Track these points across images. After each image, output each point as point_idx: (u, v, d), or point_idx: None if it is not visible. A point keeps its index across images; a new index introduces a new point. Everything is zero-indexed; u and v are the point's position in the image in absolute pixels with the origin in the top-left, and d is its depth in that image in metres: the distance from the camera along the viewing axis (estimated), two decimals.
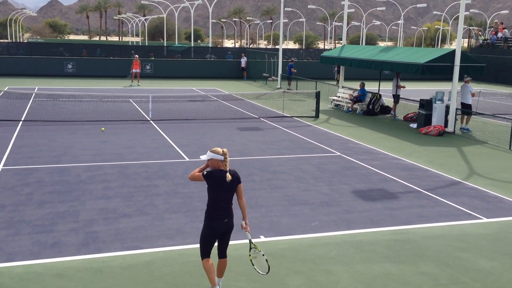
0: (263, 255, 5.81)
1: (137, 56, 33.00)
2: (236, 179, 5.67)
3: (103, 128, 15.35)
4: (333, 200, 9.57)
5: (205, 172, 5.59)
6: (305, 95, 27.06)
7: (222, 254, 5.87)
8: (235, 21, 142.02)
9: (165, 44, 61.07)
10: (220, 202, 5.59)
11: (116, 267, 6.61)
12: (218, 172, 5.56)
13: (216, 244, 5.82)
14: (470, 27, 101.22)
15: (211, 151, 5.62)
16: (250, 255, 5.93)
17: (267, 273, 5.81)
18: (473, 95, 17.86)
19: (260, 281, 6.32)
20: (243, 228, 5.76)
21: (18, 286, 6.04)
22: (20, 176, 10.53)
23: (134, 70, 31.60)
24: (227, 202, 5.62)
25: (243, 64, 37.87)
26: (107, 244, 7.30)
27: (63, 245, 7.22)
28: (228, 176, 5.53)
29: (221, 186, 5.54)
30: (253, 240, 7.49)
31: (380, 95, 21.60)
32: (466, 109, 17.79)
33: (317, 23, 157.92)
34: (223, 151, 5.61)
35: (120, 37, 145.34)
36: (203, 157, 5.66)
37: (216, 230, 5.65)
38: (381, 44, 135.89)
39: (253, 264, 5.94)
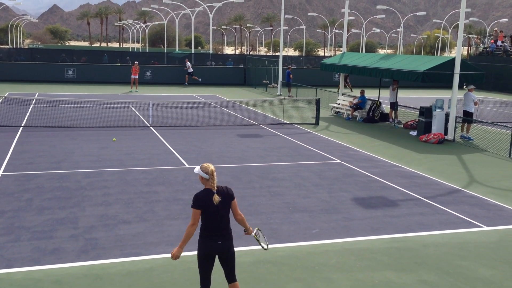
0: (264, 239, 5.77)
1: (136, 62, 33.07)
2: (228, 196, 5.34)
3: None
4: (333, 208, 9.56)
5: (192, 203, 5.24)
6: (305, 102, 27.10)
7: (230, 278, 5.47)
8: (235, 28, 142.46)
9: (165, 51, 61.24)
10: (212, 222, 5.22)
11: (116, 274, 6.59)
12: (205, 195, 5.22)
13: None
14: (470, 35, 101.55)
15: (200, 167, 5.31)
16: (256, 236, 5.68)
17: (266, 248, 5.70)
18: (475, 103, 17.88)
19: None
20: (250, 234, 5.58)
21: None
22: (20, 182, 10.53)
23: (133, 76, 31.68)
24: (219, 222, 5.25)
25: (188, 69, 36.28)
26: (107, 250, 7.28)
27: (63, 251, 7.21)
28: (216, 198, 5.19)
29: (209, 207, 5.19)
30: (253, 248, 7.49)
31: (380, 103, 21.64)
32: (467, 117, 17.80)
33: (317, 30, 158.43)
34: (210, 169, 5.26)
35: (121, 44, 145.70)
36: (195, 170, 5.40)
37: (208, 253, 5.26)
38: (381, 51, 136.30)
39: (258, 240, 5.69)
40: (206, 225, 5.25)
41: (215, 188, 5.29)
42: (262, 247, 5.69)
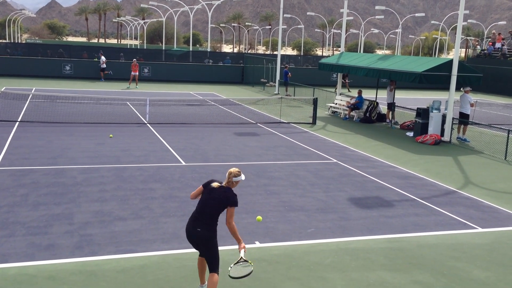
0: (250, 271, 5.64)
1: (135, 60, 33.04)
2: (224, 198, 5.56)
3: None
4: (329, 207, 9.57)
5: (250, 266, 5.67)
6: (302, 102, 27.11)
7: (208, 267, 5.66)
8: (234, 26, 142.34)
9: (163, 48, 61.15)
10: (199, 206, 5.64)
11: (110, 270, 6.58)
12: (213, 182, 5.73)
13: None
14: (468, 37, 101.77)
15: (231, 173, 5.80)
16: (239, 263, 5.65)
17: (235, 276, 5.60)
18: (471, 105, 17.92)
19: None
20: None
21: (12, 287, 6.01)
22: (16, 177, 10.49)
23: (132, 73, 31.69)
24: (204, 210, 5.59)
25: (102, 64, 34.74)
26: (102, 247, 7.27)
27: (57, 247, 7.19)
28: (214, 184, 5.66)
29: (207, 192, 5.67)
30: (248, 246, 7.49)
31: (377, 103, 21.66)
32: (464, 119, 17.84)
33: (316, 30, 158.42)
34: (229, 171, 5.73)
35: (119, 40, 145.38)
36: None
37: (188, 233, 5.65)
38: (379, 52, 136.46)
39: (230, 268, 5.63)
40: (196, 207, 5.73)
41: (221, 183, 5.73)
42: (230, 267, 5.62)
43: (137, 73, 31.90)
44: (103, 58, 34.99)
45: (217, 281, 5.57)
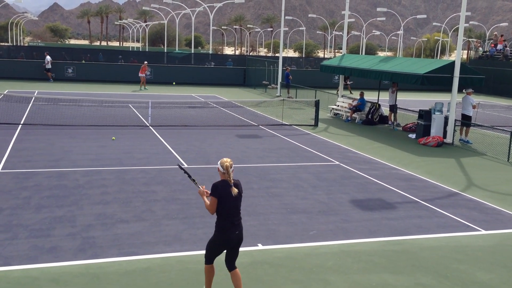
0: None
1: (146, 62, 33.16)
2: (241, 189, 5.74)
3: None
4: (331, 209, 9.56)
5: (209, 192, 5.65)
6: (304, 104, 27.11)
7: (231, 265, 5.85)
8: (235, 28, 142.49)
9: (165, 50, 61.24)
10: (230, 212, 5.60)
11: (113, 273, 6.59)
12: (222, 185, 5.60)
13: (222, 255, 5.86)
14: (470, 39, 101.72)
15: (220, 161, 5.70)
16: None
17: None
18: (474, 107, 17.90)
19: None
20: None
21: None
22: (18, 180, 10.51)
23: (140, 75, 31.83)
24: (236, 212, 5.66)
25: (47, 64, 33.91)
26: (104, 249, 7.28)
27: (60, 250, 7.20)
28: (234, 190, 5.59)
29: (227, 197, 5.56)
30: (250, 248, 7.49)
31: (379, 105, 21.65)
32: (466, 121, 17.81)
33: (317, 32, 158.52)
34: (225, 165, 5.59)
35: (121, 43, 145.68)
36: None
37: (228, 242, 5.68)
38: (381, 54, 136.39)
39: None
40: (224, 216, 5.61)
41: (232, 181, 5.62)
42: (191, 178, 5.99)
43: (144, 75, 32.00)
44: (48, 58, 34.38)
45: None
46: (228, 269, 5.87)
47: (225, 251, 5.82)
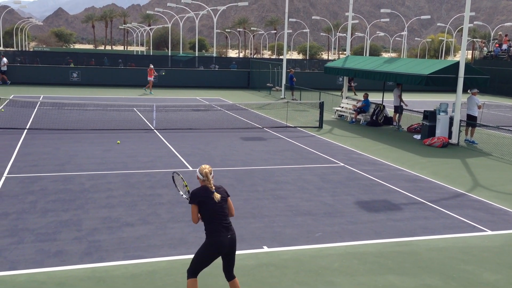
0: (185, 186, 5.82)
1: (152, 65, 33.27)
2: (225, 193, 5.59)
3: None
4: (337, 211, 9.55)
5: (188, 199, 5.48)
6: (308, 106, 27.10)
7: (230, 275, 5.65)
8: (239, 31, 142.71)
9: (169, 54, 61.41)
10: (216, 216, 5.40)
11: (119, 276, 6.60)
12: (201, 191, 5.46)
13: (211, 265, 5.64)
14: (474, 39, 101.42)
15: (198, 168, 5.62)
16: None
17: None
18: (479, 107, 17.83)
19: None
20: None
21: None
22: (24, 184, 10.56)
23: (149, 79, 31.96)
24: (223, 216, 5.44)
25: (2, 66, 33.20)
26: (110, 253, 7.29)
27: (66, 253, 7.22)
28: (217, 196, 5.44)
29: (209, 202, 5.40)
30: (256, 251, 7.49)
31: (383, 106, 21.61)
32: (471, 121, 17.75)
33: (321, 33, 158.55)
34: (204, 171, 5.52)
35: (125, 47, 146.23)
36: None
37: (221, 248, 5.39)
38: (385, 55, 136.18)
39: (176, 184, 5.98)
40: (210, 220, 5.42)
41: (213, 187, 5.51)
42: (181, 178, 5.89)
43: (152, 79, 32.10)
44: (4, 60, 34.24)
45: None
46: (226, 279, 5.67)
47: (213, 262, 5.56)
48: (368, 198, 10.48)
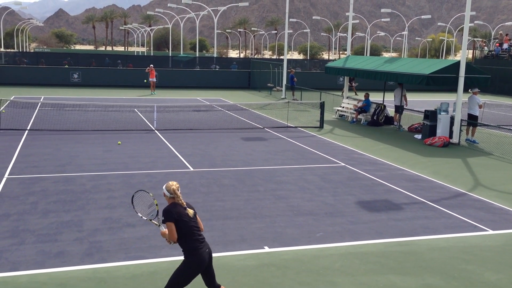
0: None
1: (152, 65, 33.27)
2: (195, 210, 5.47)
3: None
4: (338, 211, 9.54)
5: (163, 218, 5.24)
6: (309, 106, 27.10)
7: (215, 285, 5.56)
8: (240, 31, 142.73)
9: (170, 54, 61.45)
10: (192, 231, 5.25)
11: (120, 277, 6.60)
12: (174, 207, 5.27)
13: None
14: (475, 39, 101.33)
15: (164, 186, 5.36)
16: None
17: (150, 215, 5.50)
18: (480, 106, 17.82)
19: None
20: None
21: None
22: (25, 185, 10.57)
23: (151, 79, 31.97)
24: (198, 230, 5.32)
25: None
26: (111, 254, 7.29)
27: (67, 254, 7.22)
28: (190, 211, 5.30)
29: (184, 218, 5.23)
30: (257, 251, 7.49)
31: (384, 106, 21.59)
32: (472, 121, 17.74)
33: (322, 34, 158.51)
34: (172, 188, 5.29)
35: (126, 47, 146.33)
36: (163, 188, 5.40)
37: (202, 264, 5.28)
38: (386, 55, 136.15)
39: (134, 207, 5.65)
40: (189, 236, 5.24)
41: (184, 203, 5.34)
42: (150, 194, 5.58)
43: (154, 79, 32.11)
44: None
45: None
46: None
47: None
48: (369, 198, 10.48)
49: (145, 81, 34.13)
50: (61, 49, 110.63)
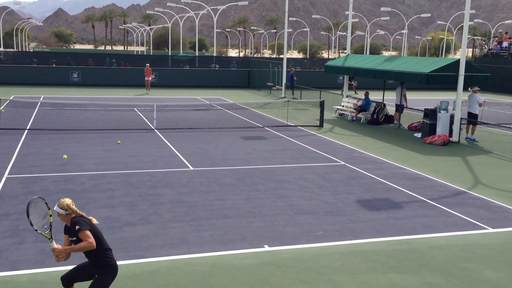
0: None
1: (148, 65, 33.25)
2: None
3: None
4: (338, 210, 9.54)
5: (81, 227, 5.01)
6: (309, 104, 27.09)
7: (71, 285, 5.46)
8: (239, 30, 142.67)
9: (169, 54, 61.42)
10: (104, 238, 5.26)
11: (120, 276, 6.58)
12: (82, 218, 5.16)
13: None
14: (474, 37, 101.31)
15: (57, 205, 5.13)
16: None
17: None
18: (480, 105, 17.82)
19: None
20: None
21: None
22: (25, 185, 10.56)
23: (147, 79, 31.97)
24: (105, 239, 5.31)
25: None
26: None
27: None
28: (94, 220, 5.21)
29: (94, 226, 5.20)
30: (257, 250, 7.49)
31: (384, 105, 21.59)
32: (472, 119, 17.73)
33: (321, 32, 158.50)
34: (65, 204, 5.09)
35: (125, 47, 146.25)
36: (55, 209, 5.17)
37: (116, 272, 5.36)
38: (385, 53, 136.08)
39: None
40: (102, 245, 5.17)
41: (83, 214, 5.23)
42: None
43: (150, 79, 32.12)
44: None
45: None
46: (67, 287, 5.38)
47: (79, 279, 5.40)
48: (369, 196, 10.48)
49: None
50: (60, 48, 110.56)
